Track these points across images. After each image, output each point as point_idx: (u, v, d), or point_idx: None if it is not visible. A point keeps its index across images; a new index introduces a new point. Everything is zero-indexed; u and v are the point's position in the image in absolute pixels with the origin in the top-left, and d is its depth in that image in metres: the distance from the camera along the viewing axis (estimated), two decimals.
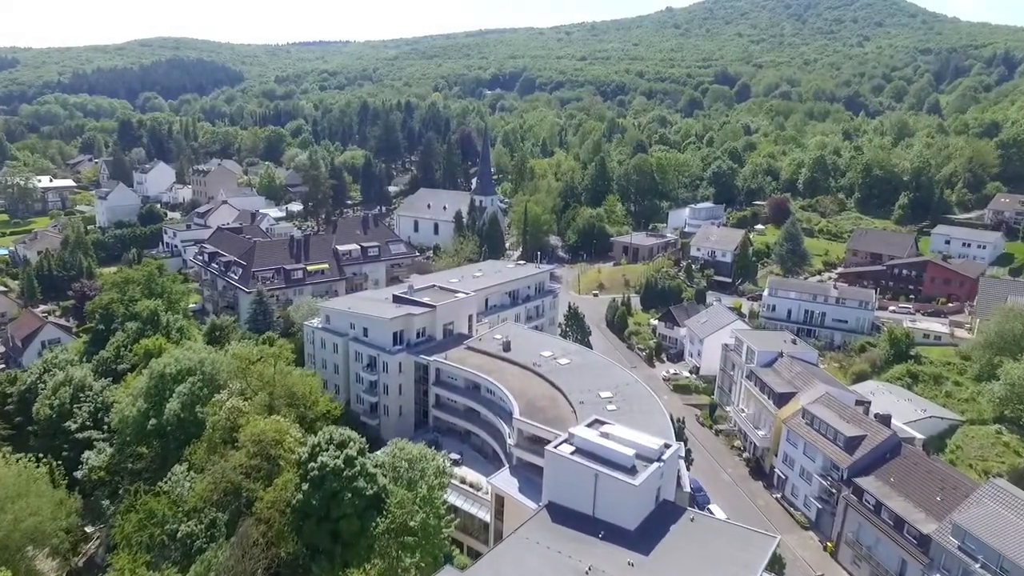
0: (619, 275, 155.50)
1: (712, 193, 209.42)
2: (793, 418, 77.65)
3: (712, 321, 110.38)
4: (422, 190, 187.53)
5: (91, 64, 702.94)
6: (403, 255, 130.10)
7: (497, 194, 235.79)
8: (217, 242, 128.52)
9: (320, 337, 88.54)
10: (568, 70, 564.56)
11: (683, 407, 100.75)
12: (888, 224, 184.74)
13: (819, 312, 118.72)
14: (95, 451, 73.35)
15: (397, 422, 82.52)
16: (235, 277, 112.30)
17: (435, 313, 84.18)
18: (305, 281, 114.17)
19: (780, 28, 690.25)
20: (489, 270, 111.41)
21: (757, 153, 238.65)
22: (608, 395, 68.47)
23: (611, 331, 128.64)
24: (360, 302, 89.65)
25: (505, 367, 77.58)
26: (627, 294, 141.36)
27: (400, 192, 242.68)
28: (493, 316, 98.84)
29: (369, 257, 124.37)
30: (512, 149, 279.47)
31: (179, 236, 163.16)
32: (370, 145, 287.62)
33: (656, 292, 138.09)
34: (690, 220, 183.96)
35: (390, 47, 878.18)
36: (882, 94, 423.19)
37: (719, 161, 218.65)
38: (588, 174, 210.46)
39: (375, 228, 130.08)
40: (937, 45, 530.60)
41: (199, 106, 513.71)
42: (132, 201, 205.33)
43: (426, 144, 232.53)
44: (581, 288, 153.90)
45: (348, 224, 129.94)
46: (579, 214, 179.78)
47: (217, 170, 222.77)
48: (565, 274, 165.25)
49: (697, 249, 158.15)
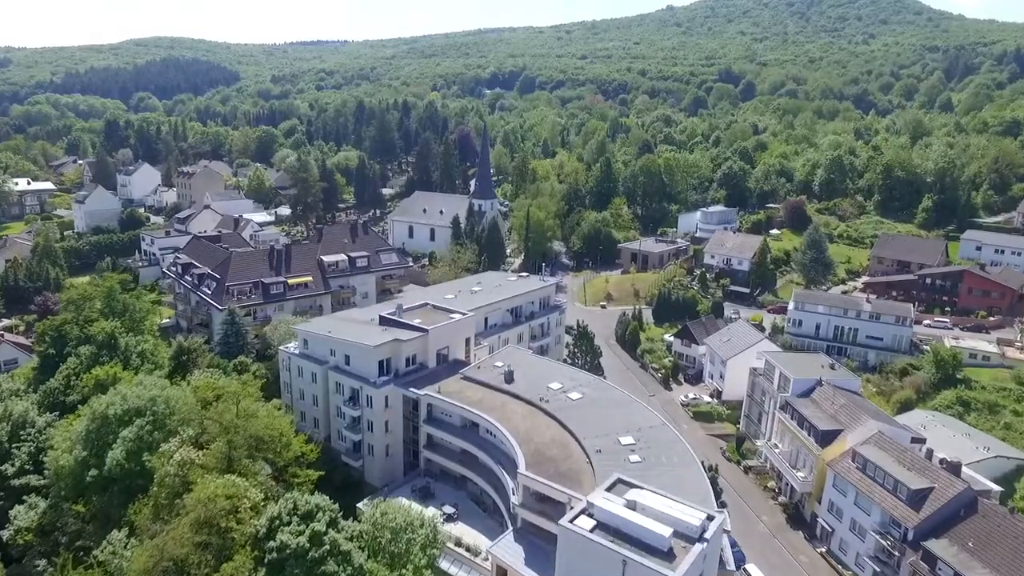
0: (628, 284, 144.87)
1: (723, 196, 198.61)
2: (840, 461, 67.10)
3: (735, 340, 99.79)
4: (417, 193, 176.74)
5: (84, 64, 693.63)
6: (395, 265, 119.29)
7: (497, 197, 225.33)
8: (192, 252, 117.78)
9: (297, 364, 77.91)
10: (569, 69, 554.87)
11: (706, 438, 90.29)
12: (911, 228, 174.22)
13: (851, 328, 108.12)
14: (26, 506, 62.58)
15: (384, 463, 71.96)
16: (208, 292, 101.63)
17: (427, 338, 73.61)
18: (286, 296, 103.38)
19: (783, 26, 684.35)
20: (489, 283, 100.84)
21: (769, 153, 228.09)
22: (630, 441, 57.92)
23: (622, 348, 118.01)
24: (342, 324, 79.01)
25: (507, 403, 67.06)
26: (638, 306, 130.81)
27: (395, 195, 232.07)
28: (493, 337, 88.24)
29: (357, 268, 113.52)
30: (512, 149, 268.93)
31: (157, 243, 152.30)
32: (365, 146, 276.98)
33: (669, 304, 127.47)
34: (702, 224, 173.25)
35: (388, 47, 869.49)
36: (891, 92, 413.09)
37: (730, 162, 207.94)
38: (593, 176, 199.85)
39: (364, 236, 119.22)
40: (944, 43, 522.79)
41: (193, 106, 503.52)
42: (112, 205, 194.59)
43: (423, 144, 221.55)
44: (588, 299, 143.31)
45: (335, 232, 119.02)
46: (584, 218, 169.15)
47: (202, 172, 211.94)
48: (570, 283, 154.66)
49: (711, 256, 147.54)
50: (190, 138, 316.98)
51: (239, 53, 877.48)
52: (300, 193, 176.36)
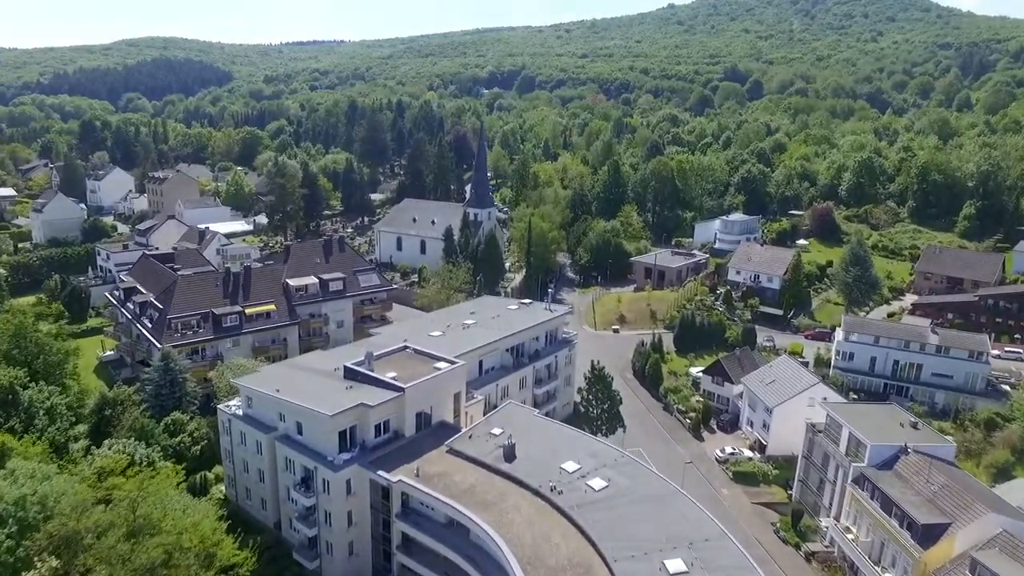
0: (643, 304, 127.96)
1: (741, 201, 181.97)
2: (952, 571, 50.44)
3: (781, 381, 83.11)
4: (407, 201, 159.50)
5: (73, 64, 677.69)
6: (376, 288, 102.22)
7: (496, 203, 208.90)
8: (139, 273, 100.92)
9: (239, 429, 61.17)
10: (569, 68, 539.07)
11: (751, 508, 73.56)
12: (952, 238, 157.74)
13: (913, 364, 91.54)
14: None
15: (346, 566, 55.19)
16: (149, 325, 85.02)
17: (403, 400, 56.88)
18: (243, 329, 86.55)
19: (788, 24, 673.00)
20: (484, 313, 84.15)
21: (788, 155, 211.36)
22: (680, 569, 41.20)
23: (641, 384, 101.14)
24: (297, 377, 62.12)
25: (508, 491, 50.40)
26: (656, 331, 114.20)
27: (386, 200, 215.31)
28: (490, 386, 71.50)
29: (331, 293, 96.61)
30: (512, 151, 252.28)
31: (113, 259, 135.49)
32: (355, 148, 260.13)
33: (693, 330, 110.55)
34: (721, 234, 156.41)
35: (385, 46, 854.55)
36: (905, 90, 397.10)
37: (748, 165, 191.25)
38: (599, 180, 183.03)
39: (340, 254, 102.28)
40: (956, 40, 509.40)
41: (183, 107, 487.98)
42: (73, 213, 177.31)
43: (415, 146, 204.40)
44: (597, 321, 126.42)
45: (305, 250, 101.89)
46: (591, 228, 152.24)
47: (175, 177, 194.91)
48: (576, 302, 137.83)
49: (736, 272, 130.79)
50: (171, 140, 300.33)
51: (233, 53, 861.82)
52: (278, 200, 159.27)
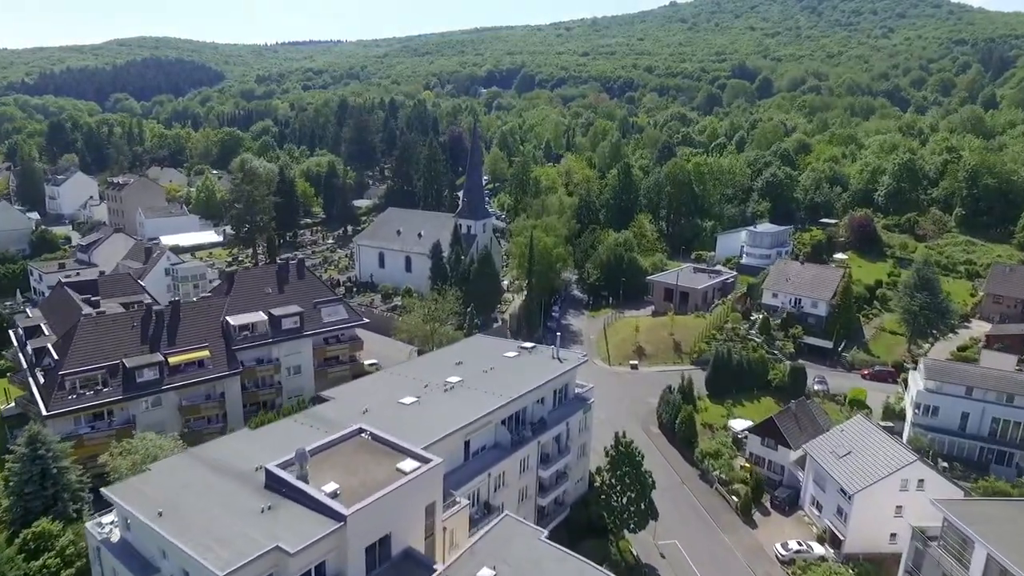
0: (664, 333, 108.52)
1: (767, 208, 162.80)
2: None
3: (862, 455, 63.81)
4: (391, 211, 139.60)
5: (61, 64, 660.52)
6: (342, 324, 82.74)
7: (492, 211, 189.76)
8: (50, 307, 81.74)
9: (111, 564, 41.95)
10: (570, 66, 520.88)
11: None
12: (1010, 251, 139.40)
13: (1015, 423, 72.52)
14: None
15: None
16: (41, 380, 66.06)
17: (344, 533, 37.64)
18: (163, 384, 67.48)
19: (795, 21, 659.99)
20: (475, 362, 64.76)
21: (815, 157, 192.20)
22: None
23: (669, 441, 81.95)
24: (197, 481, 42.66)
25: None
26: (683, 369, 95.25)
27: (373, 207, 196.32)
28: (480, 476, 52.24)
29: (285, 332, 77.16)
30: (510, 152, 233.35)
31: (45, 280, 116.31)
32: (341, 150, 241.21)
33: (730, 370, 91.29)
34: (749, 248, 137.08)
35: (382, 46, 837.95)
36: (924, 88, 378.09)
37: (773, 168, 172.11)
38: (608, 185, 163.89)
39: (298, 282, 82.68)
40: (971, 36, 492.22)
41: (171, 107, 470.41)
42: (19, 224, 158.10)
43: (403, 147, 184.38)
44: (612, 353, 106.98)
45: (252, 279, 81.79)
46: (601, 240, 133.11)
47: (136, 183, 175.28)
48: (585, 327, 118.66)
49: (773, 295, 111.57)
50: (148, 142, 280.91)
51: (227, 53, 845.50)
52: (245, 209, 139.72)
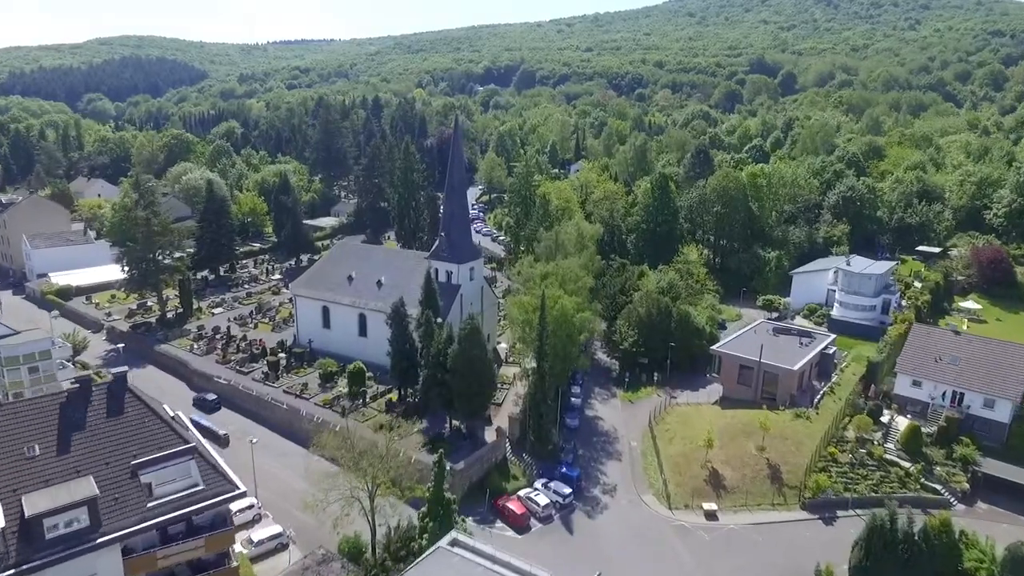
0: (750, 446, 68.77)
1: (845, 233, 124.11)
2: None
3: None
4: (343, 244, 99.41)
5: (35, 63, 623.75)
6: (194, 501, 42.57)
7: (489, 228, 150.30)
8: None
9: None
10: (573, 62, 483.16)
11: None
12: None
13: None
14: None
15: None
16: None
17: None
18: None
19: (810, 14, 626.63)
20: None
21: (891, 163, 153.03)
22: None
23: None
24: None
25: None
26: (790, 520, 56.70)
27: (338, 229, 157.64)
28: None
29: (50, 543, 38.12)
30: (509, 157, 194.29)
31: None
32: (307, 155, 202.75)
33: (895, 557, 51.54)
34: (844, 295, 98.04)
35: (375, 44, 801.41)
36: (970, 81, 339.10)
37: (848, 179, 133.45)
38: (639, 205, 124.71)
39: (107, 421, 43.68)
40: (1008, 27, 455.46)
41: (146, 108, 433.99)
42: None
43: (371, 154, 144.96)
44: (670, 480, 67.22)
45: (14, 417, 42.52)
46: (641, 286, 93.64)
47: (26, 203, 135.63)
48: (619, 422, 77.83)
49: (913, 383, 72.71)
50: (88, 146, 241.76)
51: (213, 52, 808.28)
52: (143, 244, 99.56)
